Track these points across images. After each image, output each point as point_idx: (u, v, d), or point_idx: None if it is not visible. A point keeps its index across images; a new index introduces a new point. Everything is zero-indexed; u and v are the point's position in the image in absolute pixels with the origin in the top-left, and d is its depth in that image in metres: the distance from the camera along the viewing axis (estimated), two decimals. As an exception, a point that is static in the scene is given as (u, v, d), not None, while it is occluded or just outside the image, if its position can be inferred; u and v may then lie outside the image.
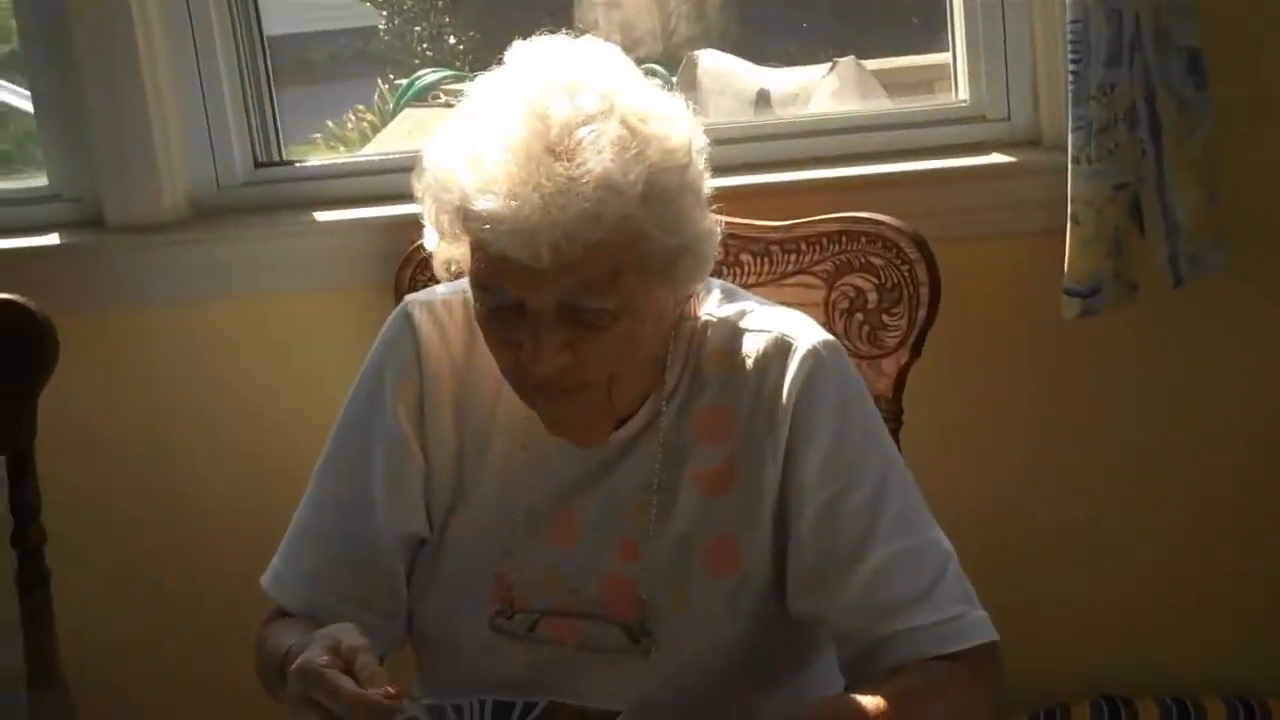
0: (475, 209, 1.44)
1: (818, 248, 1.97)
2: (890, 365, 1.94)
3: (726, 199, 1.75)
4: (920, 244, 1.93)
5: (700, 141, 1.55)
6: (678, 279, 1.53)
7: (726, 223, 1.98)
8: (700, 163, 1.54)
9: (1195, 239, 2.06)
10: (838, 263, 1.96)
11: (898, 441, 1.95)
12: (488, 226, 1.44)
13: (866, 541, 1.54)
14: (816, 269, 1.97)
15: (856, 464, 1.57)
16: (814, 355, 1.58)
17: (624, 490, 1.61)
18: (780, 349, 1.59)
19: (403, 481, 1.64)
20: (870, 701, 1.48)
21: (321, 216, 2.23)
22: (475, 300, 1.55)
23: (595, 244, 1.43)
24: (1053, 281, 2.04)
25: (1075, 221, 2.00)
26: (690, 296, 1.61)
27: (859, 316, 1.95)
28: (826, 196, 2.06)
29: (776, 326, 1.61)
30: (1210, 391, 2.22)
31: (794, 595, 1.58)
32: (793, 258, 1.98)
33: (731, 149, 2.13)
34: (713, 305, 1.64)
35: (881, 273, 1.94)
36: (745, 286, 1.97)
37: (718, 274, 1.97)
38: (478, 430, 1.65)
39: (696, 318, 1.62)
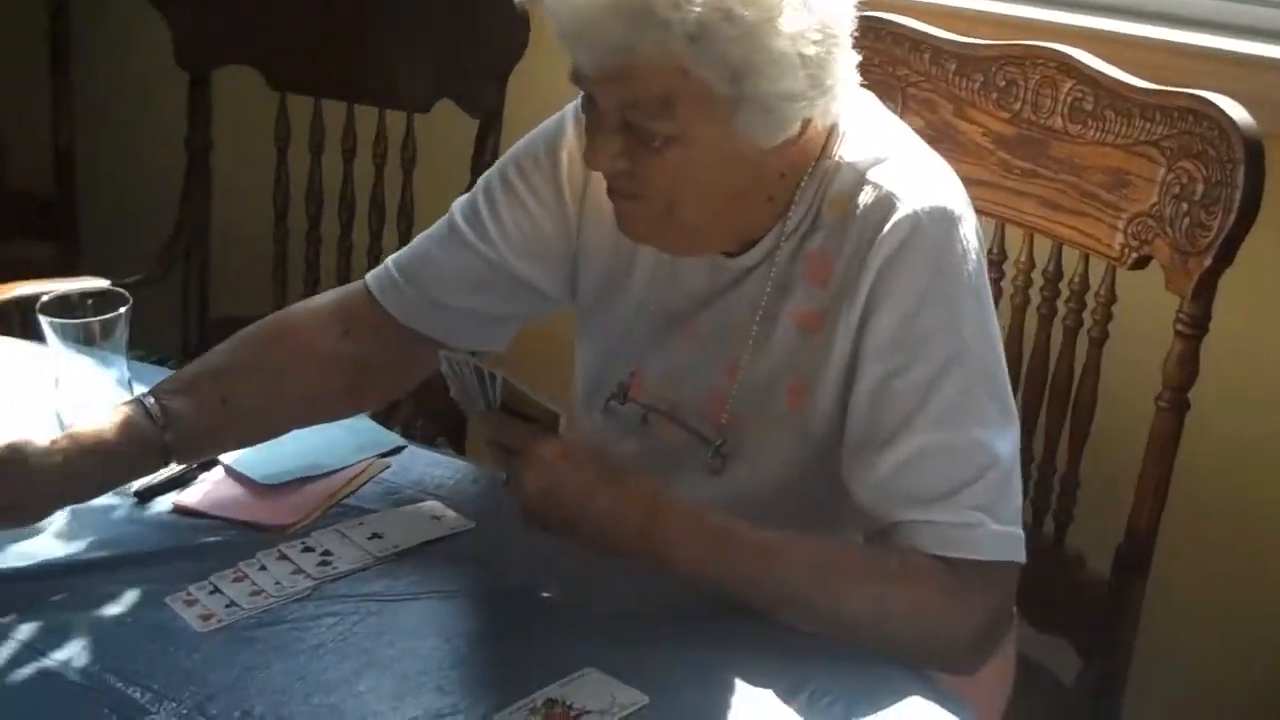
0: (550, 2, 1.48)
1: (1169, 121, 1.80)
2: (1195, 266, 1.76)
3: (1097, 42, 1.60)
4: (1250, 145, 1.71)
5: (826, 6, 1.47)
6: (738, 129, 1.48)
7: (1098, 72, 1.87)
8: (803, 22, 1.44)
9: None
10: (1181, 142, 1.78)
11: (1196, 351, 1.80)
12: (551, 16, 1.49)
13: (906, 426, 1.50)
14: (1164, 143, 1.80)
15: (922, 345, 1.50)
16: (912, 222, 1.50)
17: (735, 312, 1.63)
18: (884, 208, 1.52)
19: (541, 237, 1.70)
20: (798, 549, 1.49)
21: None
22: None
23: (635, 64, 1.44)
24: None
25: None
26: (790, 144, 1.52)
27: (1184, 206, 1.78)
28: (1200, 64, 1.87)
29: (894, 183, 1.53)
30: None
31: (842, 457, 1.56)
32: (1147, 126, 1.82)
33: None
34: (853, 147, 1.57)
35: (1210, 165, 1.75)
36: (1100, 144, 1.86)
37: (1082, 121, 1.88)
38: None
39: (832, 158, 1.57)
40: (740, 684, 1.41)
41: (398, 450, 1.79)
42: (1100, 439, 1.94)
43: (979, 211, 1.90)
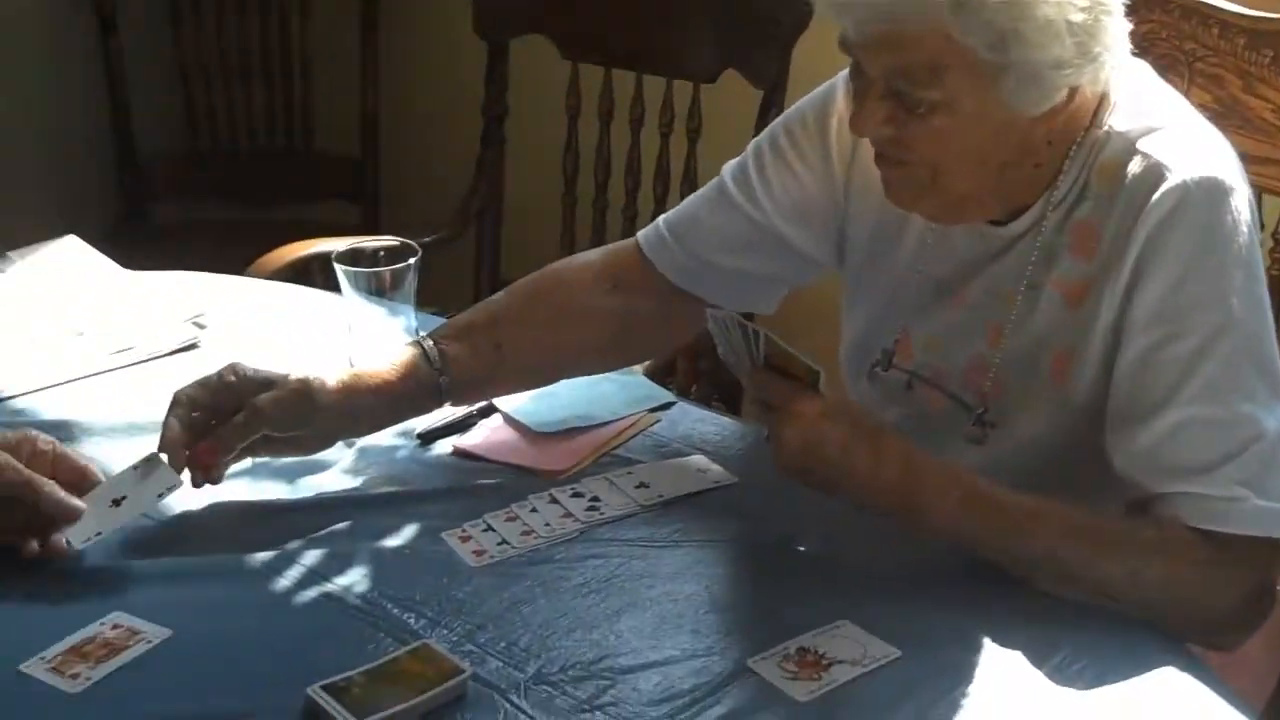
0: None
1: None
2: None
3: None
4: None
5: None
6: (1004, 96, 1.48)
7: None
8: None
9: None
10: None
11: None
12: None
13: (1171, 398, 1.49)
14: None
15: (1187, 316, 1.49)
16: (1181, 191, 1.49)
17: (1002, 280, 1.63)
18: (1153, 177, 1.50)
19: (807, 201, 1.73)
20: (1057, 515, 1.49)
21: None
22: None
23: (900, 31, 1.45)
24: None
25: None
26: (1058, 112, 1.52)
27: None
28: None
29: (1164, 153, 1.51)
30: None
31: (1106, 427, 1.55)
32: None
33: None
34: (1123, 117, 1.55)
35: None
36: None
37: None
38: None
39: (1102, 127, 1.56)
40: (991, 644, 1.43)
41: (667, 406, 1.83)
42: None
43: (1268, 190, 1.88)
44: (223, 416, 1.59)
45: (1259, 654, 1.59)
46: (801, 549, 1.58)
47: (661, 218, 1.82)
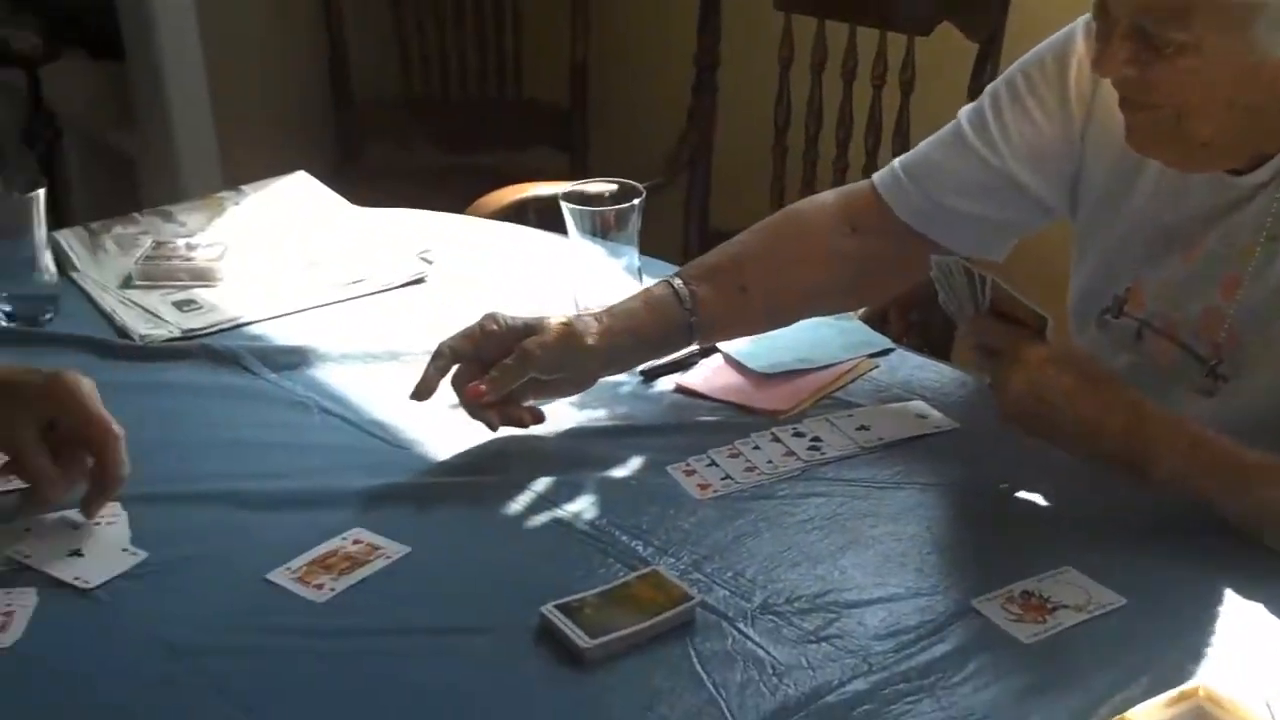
0: None
1: None
2: None
3: None
4: None
5: None
6: (1253, 39, 1.46)
7: None
8: None
9: None
10: None
11: None
12: None
13: None
14: None
15: None
16: None
17: (1241, 229, 1.60)
18: None
19: (1043, 145, 1.72)
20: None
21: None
22: None
23: None
24: None
25: None
26: None
27: None
28: None
29: None
30: None
31: None
32: None
33: None
34: None
35: None
36: None
37: None
38: None
39: None
40: (1221, 597, 1.42)
41: (886, 352, 1.85)
42: None
43: None
44: (489, 366, 1.64)
45: None
46: (1023, 495, 1.59)
47: (897, 160, 1.83)
